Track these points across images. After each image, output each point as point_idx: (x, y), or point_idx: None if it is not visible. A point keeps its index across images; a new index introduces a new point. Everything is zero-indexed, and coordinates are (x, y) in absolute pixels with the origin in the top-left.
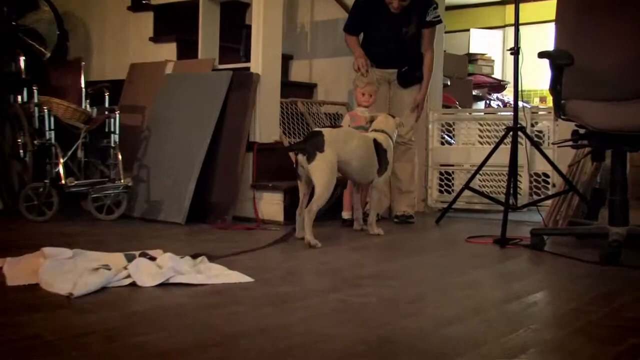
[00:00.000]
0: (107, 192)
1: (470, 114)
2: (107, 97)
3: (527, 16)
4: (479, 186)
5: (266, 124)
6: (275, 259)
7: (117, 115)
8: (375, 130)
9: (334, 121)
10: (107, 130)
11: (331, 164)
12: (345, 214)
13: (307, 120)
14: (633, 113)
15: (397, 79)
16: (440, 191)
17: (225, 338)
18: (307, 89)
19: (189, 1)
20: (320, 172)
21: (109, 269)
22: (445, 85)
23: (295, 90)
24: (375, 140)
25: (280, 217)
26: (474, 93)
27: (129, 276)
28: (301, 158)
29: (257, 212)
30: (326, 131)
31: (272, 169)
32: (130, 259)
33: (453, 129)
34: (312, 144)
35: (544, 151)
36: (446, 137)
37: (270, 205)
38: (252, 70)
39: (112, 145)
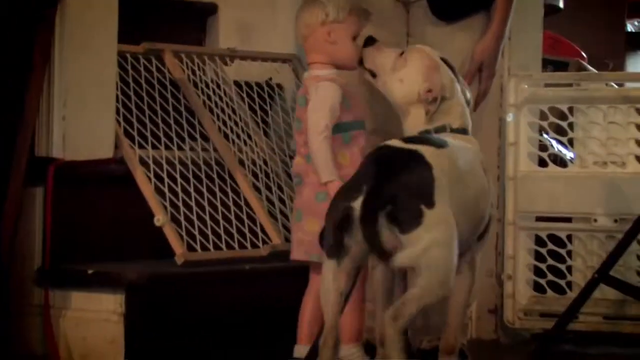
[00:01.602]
0: None
1: (617, 85)
2: None
3: None
4: (639, 274)
5: (82, 112)
6: None
7: None
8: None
9: (268, 102)
10: None
11: (451, 232)
12: (303, 349)
13: (191, 101)
14: None
15: None
16: (538, 287)
17: None
18: (191, 21)
19: None
20: (432, 255)
21: None
22: (551, 11)
23: (160, 23)
24: None
25: (115, 354)
26: (629, 29)
27: None
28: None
29: (52, 341)
30: (429, 152)
31: (99, 227)
32: None
33: (570, 126)
34: (409, 188)
35: None
36: (553, 145)
37: (93, 324)
38: None
39: None
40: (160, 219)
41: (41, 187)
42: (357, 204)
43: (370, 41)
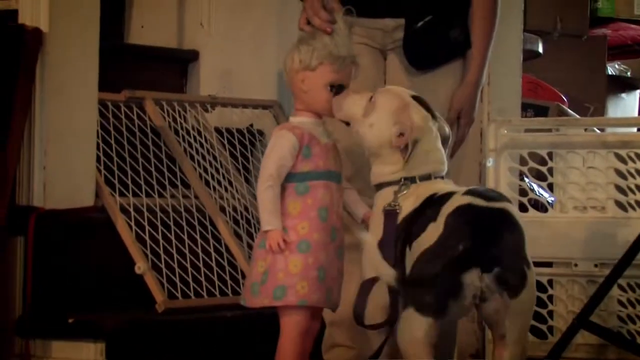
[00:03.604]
0: None
1: (599, 130)
2: None
3: None
4: (620, 318)
5: (62, 161)
6: None
7: None
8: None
9: (249, 148)
10: None
11: None
12: None
13: (172, 149)
14: None
15: (403, 46)
16: None
17: None
18: (172, 68)
19: None
20: (529, 315)
21: None
22: (530, 56)
23: (141, 70)
24: None
25: None
26: (610, 72)
27: None
28: (477, 278)
29: None
30: (514, 210)
31: (80, 276)
32: None
33: (550, 171)
34: (512, 249)
35: None
36: (534, 189)
37: None
38: (22, 20)
39: None
40: (141, 266)
41: (22, 236)
42: (465, 272)
43: (338, 89)
